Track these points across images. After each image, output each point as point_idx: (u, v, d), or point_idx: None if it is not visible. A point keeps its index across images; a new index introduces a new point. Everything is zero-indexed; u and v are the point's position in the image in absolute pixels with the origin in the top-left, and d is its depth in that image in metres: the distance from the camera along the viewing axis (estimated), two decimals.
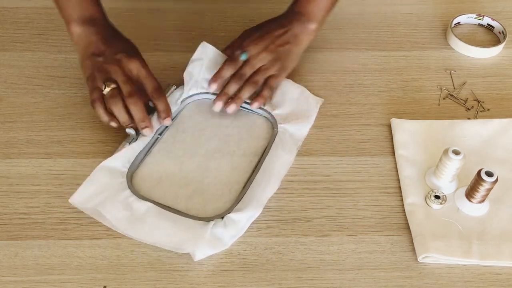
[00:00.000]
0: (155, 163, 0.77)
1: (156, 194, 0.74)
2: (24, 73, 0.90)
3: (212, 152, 0.79)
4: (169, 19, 1.00)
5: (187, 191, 0.74)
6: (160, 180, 0.76)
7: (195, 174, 0.76)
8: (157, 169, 0.77)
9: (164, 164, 0.77)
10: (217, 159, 0.78)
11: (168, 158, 0.78)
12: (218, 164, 0.77)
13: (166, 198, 0.73)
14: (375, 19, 1.02)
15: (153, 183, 0.75)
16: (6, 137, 0.81)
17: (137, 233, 0.69)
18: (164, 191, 0.74)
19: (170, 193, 0.74)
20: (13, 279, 0.67)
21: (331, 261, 0.70)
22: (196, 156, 0.78)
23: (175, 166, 0.77)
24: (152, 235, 0.69)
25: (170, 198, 0.73)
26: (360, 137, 0.83)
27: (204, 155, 0.78)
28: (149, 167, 0.77)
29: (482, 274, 0.69)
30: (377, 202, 0.76)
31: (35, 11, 1.01)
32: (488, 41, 0.99)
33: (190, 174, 0.76)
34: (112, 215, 0.70)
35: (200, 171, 0.77)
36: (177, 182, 0.75)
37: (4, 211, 0.73)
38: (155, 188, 0.75)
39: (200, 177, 0.76)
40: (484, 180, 0.70)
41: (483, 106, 0.88)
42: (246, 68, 0.82)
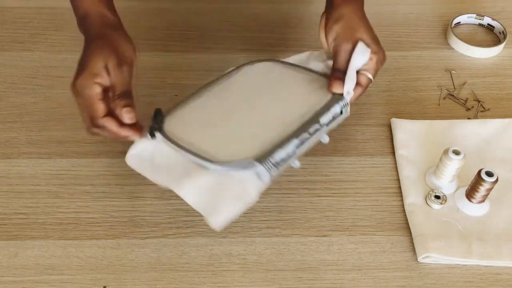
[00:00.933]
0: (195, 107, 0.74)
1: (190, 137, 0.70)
2: (24, 73, 0.90)
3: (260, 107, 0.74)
4: (169, 19, 1.00)
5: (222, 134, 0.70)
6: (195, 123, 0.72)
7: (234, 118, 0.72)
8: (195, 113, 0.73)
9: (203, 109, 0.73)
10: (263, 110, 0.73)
11: (209, 106, 0.74)
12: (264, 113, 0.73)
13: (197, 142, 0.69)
14: (375, 19, 1.01)
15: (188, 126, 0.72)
16: (6, 137, 0.81)
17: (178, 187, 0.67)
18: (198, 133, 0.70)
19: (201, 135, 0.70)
20: (13, 279, 0.67)
21: (331, 261, 0.70)
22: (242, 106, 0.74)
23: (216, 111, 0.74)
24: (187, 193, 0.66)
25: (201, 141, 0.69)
26: (360, 137, 0.83)
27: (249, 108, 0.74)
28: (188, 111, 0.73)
29: (482, 274, 0.69)
30: (377, 202, 0.76)
31: (35, 11, 1.01)
32: (488, 41, 0.99)
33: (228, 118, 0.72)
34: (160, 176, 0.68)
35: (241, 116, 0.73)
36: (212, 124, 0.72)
37: (4, 211, 0.73)
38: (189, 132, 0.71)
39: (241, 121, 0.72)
40: (484, 180, 0.70)
41: (483, 106, 0.88)
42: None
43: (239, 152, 0.66)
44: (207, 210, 0.65)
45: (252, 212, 0.74)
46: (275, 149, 0.66)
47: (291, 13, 1.01)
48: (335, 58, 0.75)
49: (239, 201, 0.65)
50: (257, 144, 0.67)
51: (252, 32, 0.97)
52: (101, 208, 0.74)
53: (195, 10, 1.02)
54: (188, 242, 0.71)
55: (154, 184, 0.76)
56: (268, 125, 0.71)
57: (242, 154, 0.66)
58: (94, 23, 0.72)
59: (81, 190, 0.76)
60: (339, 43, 0.74)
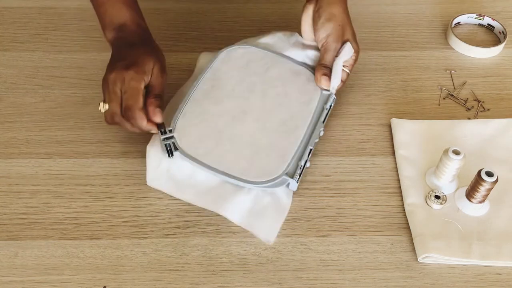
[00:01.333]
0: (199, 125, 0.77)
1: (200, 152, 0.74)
2: (24, 73, 0.90)
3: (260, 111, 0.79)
4: (169, 19, 1.00)
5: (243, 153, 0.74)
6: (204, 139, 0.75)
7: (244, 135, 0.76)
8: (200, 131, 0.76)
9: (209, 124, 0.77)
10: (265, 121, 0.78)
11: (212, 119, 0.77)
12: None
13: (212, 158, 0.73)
14: (375, 19, 1.02)
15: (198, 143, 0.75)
16: (6, 137, 0.81)
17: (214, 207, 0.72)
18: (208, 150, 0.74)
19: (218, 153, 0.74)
20: (13, 279, 0.67)
21: (331, 261, 0.70)
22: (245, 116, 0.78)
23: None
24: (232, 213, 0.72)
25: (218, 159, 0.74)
26: (360, 137, 0.83)
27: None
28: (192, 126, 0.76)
29: (482, 274, 0.69)
30: (377, 202, 0.76)
31: (35, 11, 1.01)
32: (488, 41, 0.99)
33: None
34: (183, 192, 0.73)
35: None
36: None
37: (4, 211, 0.73)
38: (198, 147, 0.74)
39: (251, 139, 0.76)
40: (484, 180, 0.70)
41: (483, 106, 0.88)
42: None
43: (269, 169, 0.73)
44: (256, 229, 0.71)
45: None
46: (299, 161, 0.74)
47: (291, 13, 1.00)
48: (324, 54, 0.82)
49: (278, 212, 0.72)
50: (282, 158, 0.74)
51: (252, 32, 0.96)
52: (101, 208, 0.74)
53: (195, 10, 1.02)
54: (188, 242, 0.71)
55: None
56: (278, 133, 0.76)
57: (273, 172, 0.72)
58: (134, 30, 0.79)
59: (81, 190, 0.76)
60: (330, 41, 0.81)
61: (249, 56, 0.84)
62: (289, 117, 0.78)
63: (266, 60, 0.84)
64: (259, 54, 0.85)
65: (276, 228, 0.71)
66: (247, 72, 0.82)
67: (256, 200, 0.72)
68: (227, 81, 0.81)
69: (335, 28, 0.81)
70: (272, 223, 0.72)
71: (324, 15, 0.81)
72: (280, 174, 0.72)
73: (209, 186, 0.73)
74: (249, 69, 0.83)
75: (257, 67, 0.83)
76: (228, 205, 0.71)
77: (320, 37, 0.82)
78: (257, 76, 0.82)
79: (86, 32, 0.97)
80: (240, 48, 0.85)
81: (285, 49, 0.86)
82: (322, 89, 0.81)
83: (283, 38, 0.87)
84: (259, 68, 0.83)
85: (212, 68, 0.82)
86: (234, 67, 0.83)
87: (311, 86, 0.82)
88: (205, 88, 0.80)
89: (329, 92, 0.81)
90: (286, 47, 0.86)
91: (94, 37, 0.96)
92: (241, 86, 0.81)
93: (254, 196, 0.72)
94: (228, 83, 0.81)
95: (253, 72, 0.83)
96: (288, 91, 0.81)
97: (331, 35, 0.81)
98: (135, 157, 0.79)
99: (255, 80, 0.81)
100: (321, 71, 0.81)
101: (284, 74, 0.83)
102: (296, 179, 0.73)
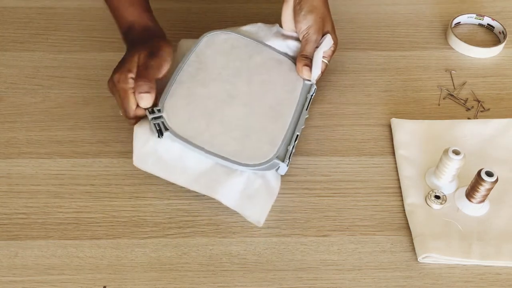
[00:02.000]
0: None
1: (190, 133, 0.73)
2: (24, 73, 0.90)
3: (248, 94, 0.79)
4: (169, 19, 1.00)
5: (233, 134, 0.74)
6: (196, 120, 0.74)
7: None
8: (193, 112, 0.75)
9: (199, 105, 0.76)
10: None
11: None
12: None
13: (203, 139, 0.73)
14: (375, 19, 1.02)
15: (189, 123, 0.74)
16: (6, 137, 0.81)
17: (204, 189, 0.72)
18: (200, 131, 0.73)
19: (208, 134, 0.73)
20: (13, 279, 0.67)
21: (331, 261, 0.70)
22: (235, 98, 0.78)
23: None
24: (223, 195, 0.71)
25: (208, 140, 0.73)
26: (360, 137, 0.83)
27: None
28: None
29: (482, 274, 0.69)
30: (377, 202, 0.76)
31: (35, 11, 1.01)
32: (488, 41, 0.99)
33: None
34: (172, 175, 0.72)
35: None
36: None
37: (4, 211, 0.73)
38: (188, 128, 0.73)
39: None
40: (484, 180, 0.70)
41: (483, 106, 0.88)
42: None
43: (260, 152, 0.73)
44: (247, 211, 0.71)
45: None
46: (289, 146, 0.75)
47: None
48: (305, 46, 0.84)
49: (270, 194, 0.72)
50: (272, 142, 0.74)
51: None
52: (101, 208, 0.74)
53: (195, 10, 1.02)
54: (188, 242, 0.71)
55: (154, 184, 0.76)
56: (267, 118, 0.77)
57: (264, 155, 0.72)
58: (138, 34, 0.80)
59: (81, 190, 0.76)
60: (311, 33, 0.84)
61: (232, 42, 0.84)
62: (275, 103, 0.79)
63: (249, 48, 0.84)
64: (242, 41, 0.85)
65: (266, 210, 0.72)
66: (231, 58, 0.82)
67: (248, 182, 0.72)
68: (212, 64, 0.81)
69: (316, 20, 0.83)
70: (263, 205, 0.72)
71: (305, 7, 0.83)
72: (271, 157, 0.72)
73: (200, 169, 0.72)
74: (233, 55, 0.83)
75: (241, 53, 0.83)
76: (222, 189, 0.71)
77: (302, 29, 0.84)
78: (242, 62, 0.82)
79: (86, 32, 0.97)
80: (222, 34, 0.85)
81: (266, 38, 0.87)
82: (303, 79, 0.83)
83: (263, 28, 0.88)
84: (243, 54, 0.83)
85: (196, 52, 0.82)
86: (218, 52, 0.83)
87: (293, 75, 0.83)
88: (190, 71, 0.79)
89: (310, 82, 0.83)
90: (268, 37, 0.87)
91: (94, 37, 0.96)
92: (226, 71, 0.80)
93: (246, 179, 0.72)
94: (213, 66, 0.81)
95: (237, 57, 0.83)
96: (272, 79, 0.82)
97: (312, 26, 0.83)
98: None
99: (239, 66, 0.81)
100: (302, 61, 0.83)
101: (267, 62, 0.84)
102: (286, 163, 0.73)
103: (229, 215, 0.73)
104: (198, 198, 0.75)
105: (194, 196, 0.75)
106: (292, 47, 0.86)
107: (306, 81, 0.83)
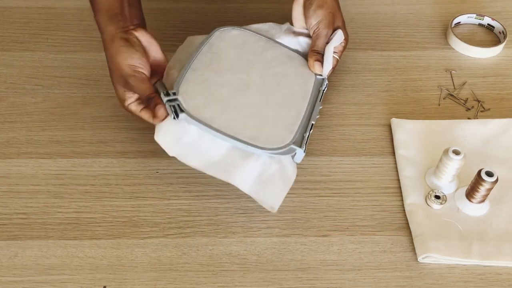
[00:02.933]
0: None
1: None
2: (24, 73, 0.90)
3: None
4: (169, 19, 1.00)
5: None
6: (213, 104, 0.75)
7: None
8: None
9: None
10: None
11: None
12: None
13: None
14: (375, 19, 1.02)
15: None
16: (6, 137, 0.81)
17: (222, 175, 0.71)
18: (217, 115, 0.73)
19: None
20: (13, 279, 0.67)
21: (331, 261, 0.70)
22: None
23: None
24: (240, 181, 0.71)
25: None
26: (360, 137, 0.83)
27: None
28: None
29: (482, 274, 0.69)
30: (377, 202, 0.76)
31: (35, 11, 1.01)
32: (488, 41, 0.99)
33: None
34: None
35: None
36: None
37: (4, 211, 0.73)
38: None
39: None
40: (484, 180, 0.70)
41: (483, 106, 0.88)
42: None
43: (277, 137, 0.73)
44: (261, 197, 0.71)
45: (252, 212, 0.74)
46: (305, 133, 0.75)
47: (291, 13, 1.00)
48: (315, 41, 0.84)
49: (285, 181, 0.72)
50: (289, 128, 0.74)
51: None
52: (101, 208, 0.74)
53: (195, 10, 1.02)
54: (188, 242, 0.71)
55: (154, 184, 0.76)
56: (281, 107, 0.77)
57: (281, 140, 0.73)
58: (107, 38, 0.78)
59: (81, 190, 0.76)
60: (321, 28, 0.83)
61: (244, 37, 0.85)
62: (289, 93, 0.79)
63: (261, 43, 0.85)
64: (254, 37, 0.85)
65: (281, 197, 0.71)
66: (243, 51, 0.83)
67: (264, 167, 0.71)
68: (225, 56, 0.81)
69: (326, 15, 0.83)
70: (279, 191, 0.71)
71: (315, 2, 0.83)
72: (288, 142, 0.72)
73: (217, 153, 0.72)
74: (245, 49, 0.83)
75: (252, 47, 0.84)
76: (238, 173, 0.70)
77: (312, 24, 0.84)
78: (254, 56, 0.82)
79: (86, 32, 0.97)
80: (234, 30, 0.85)
81: (277, 35, 0.87)
82: (315, 74, 0.83)
83: (274, 26, 0.89)
84: (255, 49, 0.83)
85: (208, 44, 0.82)
86: (230, 45, 0.83)
87: (305, 70, 0.83)
88: (204, 60, 0.79)
89: (322, 77, 0.83)
90: (278, 34, 0.87)
91: (94, 37, 0.96)
92: (239, 63, 0.81)
93: (262, 163, 0.71)
94: (226, 57, 0.81)
95: (250, 51, 0.83)
96: (285, 71, 0.82)
97: (322, 21, 0.83)
98: (135, 157, 0.79)
99: (252, 59, 0.82)
100: (314, 57, 0.83)
101: (279, 57, 0.84)
102: (303, 149, 0.73)
103: (229, 215, 0.73)
104: (198, 198, 0.75)
105: (194, 196, 0.75)
106: (303, 44, 0.86)
107: (318, 76, 0.83)
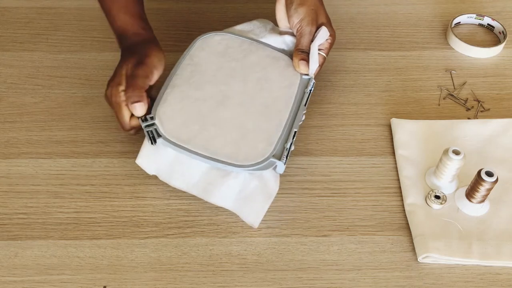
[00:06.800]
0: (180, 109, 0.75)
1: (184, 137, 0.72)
2: (24, 73, 0.90)
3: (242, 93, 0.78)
4: (169, 19, 1.00)
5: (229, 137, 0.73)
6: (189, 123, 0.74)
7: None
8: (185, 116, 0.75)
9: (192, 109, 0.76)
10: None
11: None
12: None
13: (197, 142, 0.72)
14: (375, 19, 1.02)
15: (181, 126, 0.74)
16: (6, 137, 0.81)
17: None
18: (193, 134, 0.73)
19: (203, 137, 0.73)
20: (13, 279, 0.67)
21: (331, 261, 0.70)
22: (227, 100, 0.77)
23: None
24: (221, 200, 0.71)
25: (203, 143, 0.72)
26: (360, 137, 0.83)
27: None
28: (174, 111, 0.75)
29: (482, 274, 0.69)
30: (377, 202, 0.76)
31: (35, 11, 1.01)
32: (488, 41, 0.99)
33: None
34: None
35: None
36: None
37: (4, 211, 0.73)
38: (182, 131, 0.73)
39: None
40: (484, 180, 0.70)
41: (483, 106, 0.88)
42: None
43: (256, 152, 0.71)
44: (243, 213, 0.71)
45: None
46: (286, 144, 0.73)
47: None
48: (300, 39, 0.82)
49: (266, 196, 0.72)
50: (268, 141, 0.73)
51: None
52: (101, 208, 0.74)
53: (195, 10, 1.02)
54: (188, 242, 0.71)
55: (154, 184, 0.76)
56: (262, 117, 0.75)
57: (260, 155, 0.71)
58: (129, 42, 0.80)
59: (81, 190, 0.76)
60: (304, 25, 0.82)
61: (227, 42, 0.84)
62: (271, 101, 0.77)
63: (244, 47, 0.84)
64: (237, 40, 0.84)
65: (262, 212, 0.71)
66: (225, 59, 0.82)
67: (244, 184, 0.71)
68: (206, 66, 0.80)
69: (308, 12, 0.81)
70: (259, 207, 0.71)
71: (296, 1, 0.82)
72: (267, 156, 0.71)
73: (197, 173, 0.72)
74: (227, 56, 0.82)
75: (235, 53, 0.83)
76: (217, 192, 0.71)
77: (295, 22, 0.82)
78: (236, 62, 0.81)
79: (86, 32, 0.97)
80: (217, 35, 0.85)
81: (262, 35, 0.86)
82: (301, 74, 0.81)
83: (259, 25, 0.88)
84: (238, 54, 0.82)
85: (189, 55, 0.81)
86: (212, 54, 0.82)
87: (290, 71, 0.81)
88: (184, 74, 0.79)
89: (309, 76, 0.81)
90: (263, 34, 0.86)
91: (94, 37, 0.96)
92: (221, 72, 0.80)
93: (242, 180, 0.71)
94: (207, 68, 0.80)
95: (232, 58, 0.82)
96: (268, 76, 0.80)
97: (305, 19, 0.81)
98: (135, 157, 0.79)
99: (234, 66, 0.81)
100: (298, 56, 0.81)
101: (263, 60, 0.82)
102: (283, 161, 0.71)
103: (229, 215, 0.73)
104: (198, 198, 0.75)
105: (194, 196, 0.75)
106: (289, 42, 0.85)
107: (304, 76, 0.81)
